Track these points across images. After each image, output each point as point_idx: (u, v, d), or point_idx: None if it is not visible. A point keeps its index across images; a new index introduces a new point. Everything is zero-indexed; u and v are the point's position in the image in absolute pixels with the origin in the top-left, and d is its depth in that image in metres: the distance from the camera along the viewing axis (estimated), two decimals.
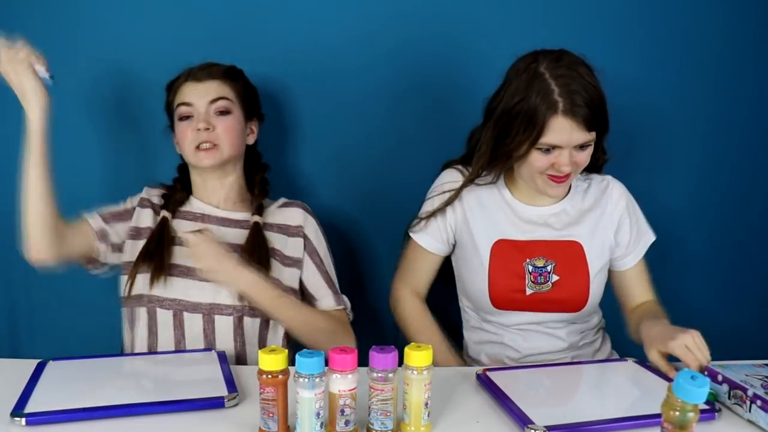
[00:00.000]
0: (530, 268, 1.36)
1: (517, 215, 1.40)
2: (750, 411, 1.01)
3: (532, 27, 1.68)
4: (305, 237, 1.44)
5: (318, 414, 0.92)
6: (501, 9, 1.69)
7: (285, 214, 1.46)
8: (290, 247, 1.42)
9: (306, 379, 0.91)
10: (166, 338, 1.33)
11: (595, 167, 1.42)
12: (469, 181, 1.40)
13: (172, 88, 1.45)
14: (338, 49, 1.69)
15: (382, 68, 1.70)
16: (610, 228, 1.41)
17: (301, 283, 1.43)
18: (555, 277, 1.36)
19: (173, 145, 1.49)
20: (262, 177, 1.51)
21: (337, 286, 1.47)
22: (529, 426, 0.96)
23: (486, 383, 1.12)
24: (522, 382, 1.16)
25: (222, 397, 1.05)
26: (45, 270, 1.32)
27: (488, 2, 1.69)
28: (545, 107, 1.23)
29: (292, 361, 0.94)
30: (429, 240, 1.44)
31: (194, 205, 1.46)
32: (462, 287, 1.47)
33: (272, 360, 0.93)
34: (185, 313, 1.32)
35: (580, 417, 1.00)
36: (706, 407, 1.02)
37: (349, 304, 1.47)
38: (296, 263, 1.42)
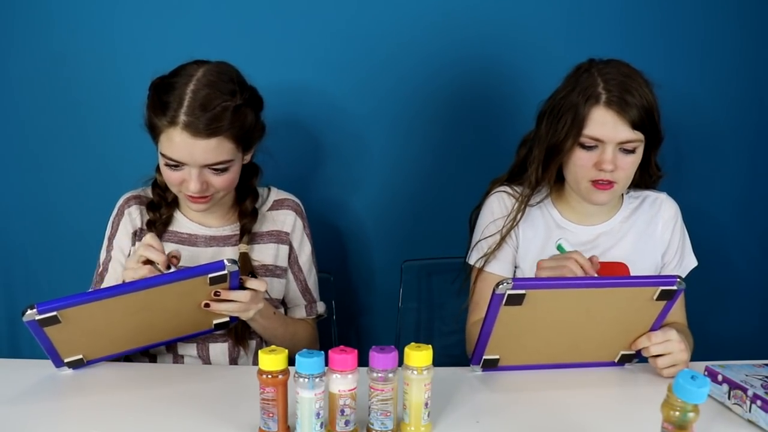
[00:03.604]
0: None
1: (566, 236, 1.36)
2: (750, 411, 1.01)
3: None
4: (290, 245, 1.40)
5: (318, 414, 0.92)
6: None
7: (275, 218, 1.40)
8: (281, 256, 1.40)
9: (306, 379, 0.91)
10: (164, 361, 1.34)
11: (648, 184, 1.39)
12: (528, 196, 1.36)
13: (157, 123, 1.20)
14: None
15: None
16: (658, 249, 1.38)
17: None
18: None
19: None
20: (253, 191, 1.37)
21: (314, 292, 1.45)
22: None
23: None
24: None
25: (221, 260, 1.11)
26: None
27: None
28: (588, 98, 1.24)
29: (291, 361, 0.94)
30: (501, 265, 1.38)
31: (181, 223, 1.36)
32: None
33: (272, 360, 0.93)
34: (179, 345, 1.33)
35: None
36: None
37: (323, 309, 1.46)
38: (284, 272, 1.40)
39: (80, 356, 1.17)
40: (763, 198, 1.82)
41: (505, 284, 1.04)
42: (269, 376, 0.93)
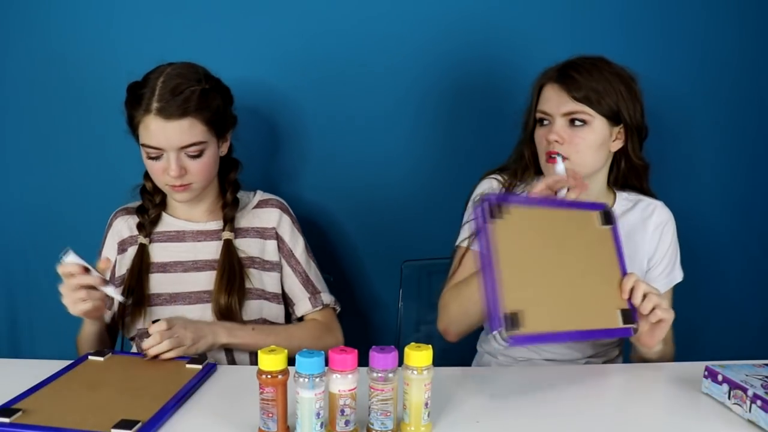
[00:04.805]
0: None
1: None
2: (750, 411, 1.01)
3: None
4: (279, 239, 1.44)
5: (318, 414, 0.92)
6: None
7: (260, 216, 1.44)
8: (268, 250, 1.43)
9: (306, 379, 0.91)
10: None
11: (640, 178, 1.40)
12: (512, 185, 1.39)
13: (134, 114, 1.29)
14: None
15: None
16: (645, 252, 1.38)
17: (281, 285, 1.45)
18: None
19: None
20: (233, 182, 1.43)
21: (316, 284, 1.47)
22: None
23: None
24: None
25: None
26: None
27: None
28: (542, 78, 1.33)
29: (291, 361, 0.94)
30: None
31: (167, 222, 1.42)
32: None
33: (272, 360, 0.93)
34: None
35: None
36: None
37: (330, 300, 1.47)
38: (275, 266, 1.43)
39: None
40: (764, 197, 1.82)
41: (479, 198, 1.08)
42: (269, 376, 0.93)
